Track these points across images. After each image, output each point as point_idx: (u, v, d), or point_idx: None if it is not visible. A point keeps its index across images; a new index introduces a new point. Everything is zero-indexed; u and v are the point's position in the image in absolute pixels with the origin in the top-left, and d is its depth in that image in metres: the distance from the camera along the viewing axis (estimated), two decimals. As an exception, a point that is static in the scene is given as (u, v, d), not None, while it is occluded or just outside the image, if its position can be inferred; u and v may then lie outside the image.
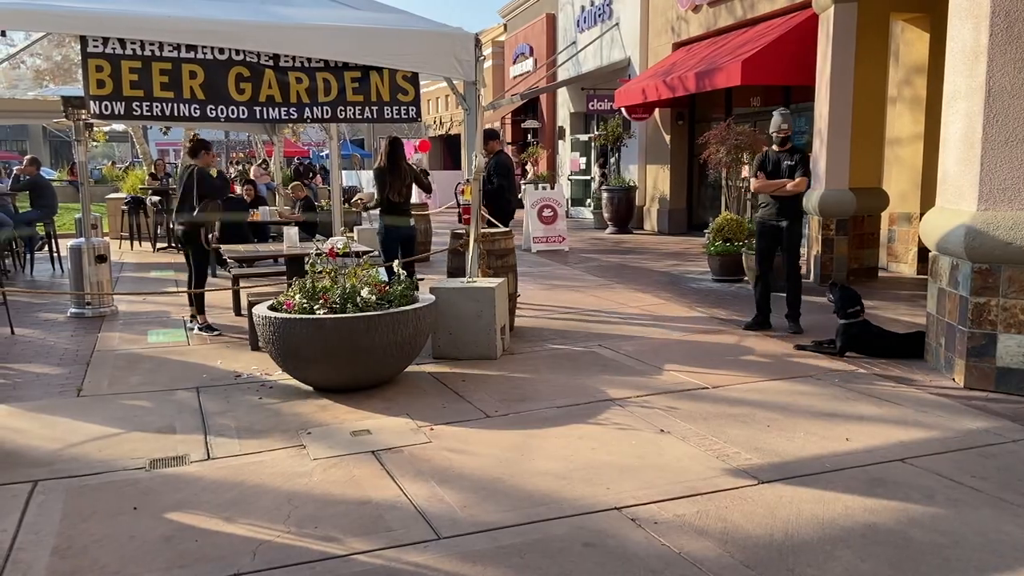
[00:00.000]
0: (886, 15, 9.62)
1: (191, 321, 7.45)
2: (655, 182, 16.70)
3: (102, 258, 8.24)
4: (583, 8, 19.38)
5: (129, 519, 3.57)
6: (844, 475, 3.94)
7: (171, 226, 14.13)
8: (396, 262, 6.01)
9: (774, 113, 7.23)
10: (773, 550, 3.21)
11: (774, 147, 7.16)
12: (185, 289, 7.81)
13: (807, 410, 4.96)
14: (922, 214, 7.84)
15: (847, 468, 4.03)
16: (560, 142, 22.23)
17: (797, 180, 6.89)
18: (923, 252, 9.38)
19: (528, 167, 22.33)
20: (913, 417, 4.79)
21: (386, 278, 5.96)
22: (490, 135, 9.59)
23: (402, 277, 5.77)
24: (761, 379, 5.64)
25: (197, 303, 7.41)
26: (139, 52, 5.59)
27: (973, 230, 5.23)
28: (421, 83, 6.68)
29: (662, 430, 4.61)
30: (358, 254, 6.87)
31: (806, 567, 3.08)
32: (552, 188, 14.67)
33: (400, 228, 7.67)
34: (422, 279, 7.48)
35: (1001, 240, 5.12)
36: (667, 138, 16.14)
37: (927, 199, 9.20)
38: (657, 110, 16.02)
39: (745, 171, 11.61)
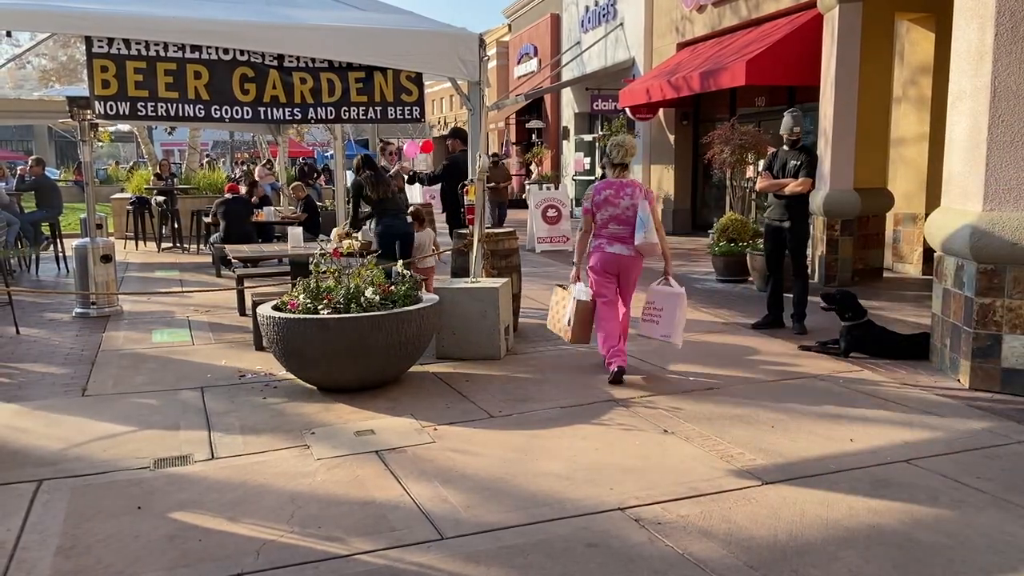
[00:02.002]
0: (891, 15, 9.60)
1: None
2: (659, 182, 16.68)
3: (107, 258, 8.26)
4: (587, 8, 19.38)
5: (133, 518, 3.58)
6: (848, 476, 3.94)
7: (175, 226, 14.22)
8: (399, 263, 6.01)
9: (785, 114, 7.20)
10: (777, 551, 3.21)
11: (784, 146, 7.13)
12: (189, 289, 7.82)
13: (811, 411, 4.95)
14: (927, 215, 7.81)
15: (851, 469, 4.02)
16: (564, 142, 22.23)
17: (798, 181, 6.87)
18: (928, 253, 9.36)
19: (532, 167, 22.33)
20: (918, 418, 4.78)
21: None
22: (453, 134, 9.56)
23: (406, 276, 5.78)
24: (765, 379, 5.63)
25: None
26: (144, 52, 5.60)
27: (978, 230, 5.21)
28: (425, 83, 6.68)
29: (666, 430, 4.61)
30: (362, 254, 6.88)
31: (810, 568, 3.07)
32: (556, 188, 14.67)
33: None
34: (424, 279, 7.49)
35: (1007, 241, 5.10)
36: (671, 138, 16.12)
37: (932, 200, 9.18)
38: (661, 110, 16.00)
39: (750, 171, 11.59)
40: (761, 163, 9.63)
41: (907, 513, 3.52)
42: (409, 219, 8.18)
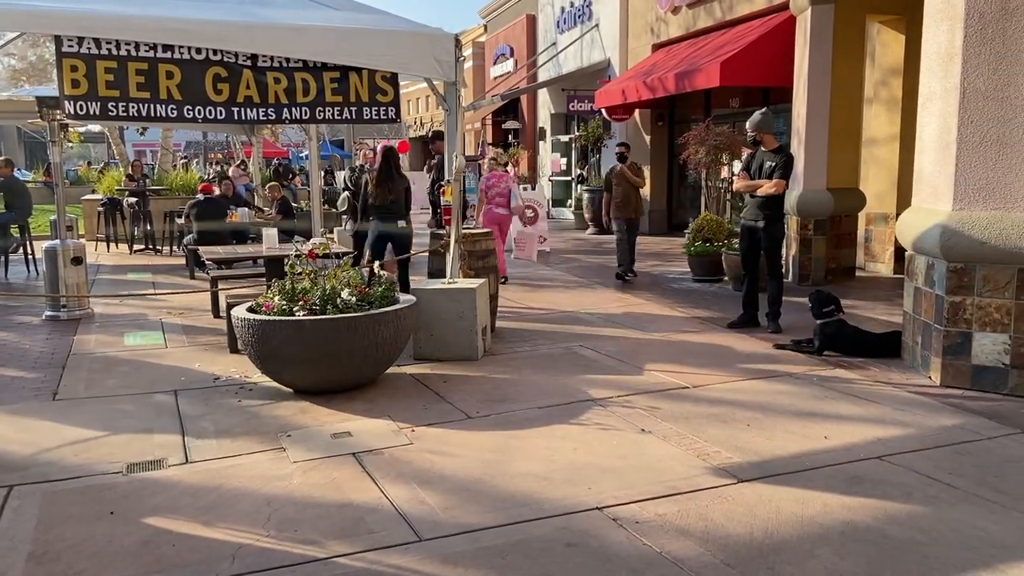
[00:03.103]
0: (862, 17, 9.71)
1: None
2: (635, 183, 16.73)
3: (78, 260, 8.14)
4: (563, 9, 19.42)
5: (106, 524, 3.53)
6: (823, 473, 3.98)
7: (148, 227, 14.06)
8: (376, 263, 5.98)
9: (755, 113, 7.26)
10: (753, 549, 3.23)
11: (761, 147, 7.19)
12: (162, 291, 7.72)
13: (786, 409, 4.99)
14: (898, 214, 7.92)
15: (826, 466, 4.06)
16: (541, 143, 22.25)
17: (772, 183, 6.94)
18: (900, 252, 9.48)
19: (509, 168, 22.33)
20: (891, 415, 4.84)
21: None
22: (436, 136, 9.61)
23: (383, 277, 5.75)
24: (741, 378, 5.67)
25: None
26: (115, 52, 5.52)
27: (948, 230, 5.29)
28: (401, 84, 6.66)
29: (643, 430, 4.63)
30: (338, 255, 6.84)
31: (786, 565, 3.10)
32: (533, 189, 14.68)
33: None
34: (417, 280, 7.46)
35: (976, 239, 5.18)
36: (647, 139, 16.20)
37: (903, 199, 9.31)
38: (637, 111, 16.07)
39: (725, 172, 11.68)
40: (736, 164, 9.71)
41: (881, 509, 3.56)
42: (402, 223, 8.12)
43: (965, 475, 3.92)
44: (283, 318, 5.20)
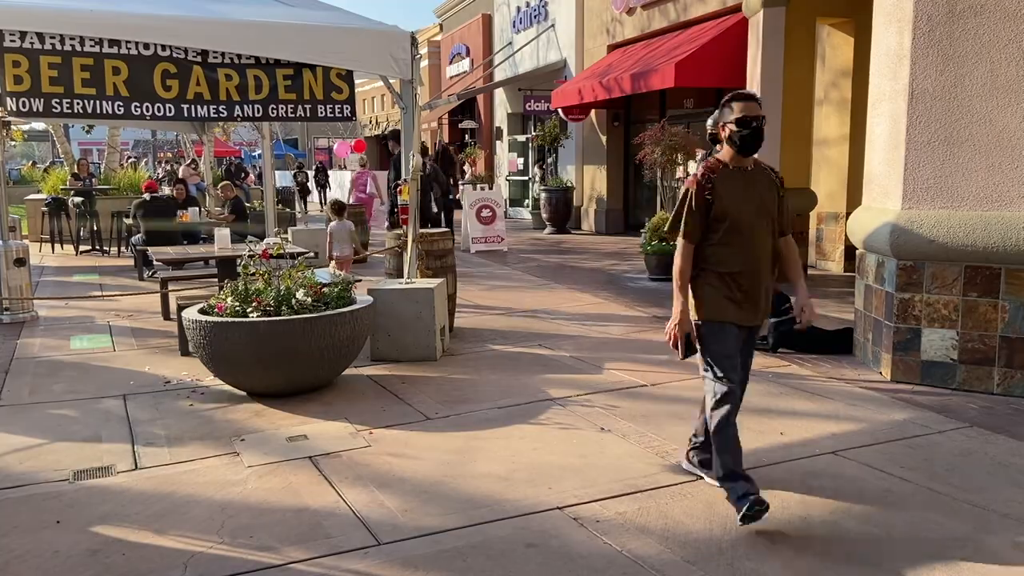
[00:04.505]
0: (813, 19, 9.87)
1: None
2: (592, 182, 16.83)
3: (21, 261, 7.90)
4: (519, 9, 19.43)
5: (52, 533, 3.41)
6: (779, 469, 4.02)
7: (95, 228, 13.69)
8: (332, 263, 5.89)
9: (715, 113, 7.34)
10: (713, 545, 3.25)
11: (716, 147, 7.25)
12: (110, 293, 7.53)
13: (743, 406, 4.99)
14: (848, 213, 8.07)
15: (782, 462, 4.11)
16: (498, 142, 22.24)
17: None
18: (850, 250, 9.67)
19: (466, 167, 22.28)
20: (844, 411, 4.92)
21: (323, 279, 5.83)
22: (393, 135, 9.62)
23: (348, 277, 5.68)
24: (698, 376, 5.69)
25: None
26: (59, 47, 5.37)
27: (898, 228, 5.40)
28: (357, 82, 6.58)
29: (603, 428, 4.63)
30: (292, 255, 6.73)
31: (745, 561, 3.12)
32: (490, 188, 14.66)
33: None
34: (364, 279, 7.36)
35: (924, 238, 5.30)
36: (603, 139, 16.29)
37: (853, 199, 9.49)
38: (593, 111, 16.15)
39: (680, 171, 11.79)
40: (692, 164, 9.79)
41: (836, 504, 3.61)
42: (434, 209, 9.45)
43: (917, 469, 4.00)
44: (236, 320, 5.09)
